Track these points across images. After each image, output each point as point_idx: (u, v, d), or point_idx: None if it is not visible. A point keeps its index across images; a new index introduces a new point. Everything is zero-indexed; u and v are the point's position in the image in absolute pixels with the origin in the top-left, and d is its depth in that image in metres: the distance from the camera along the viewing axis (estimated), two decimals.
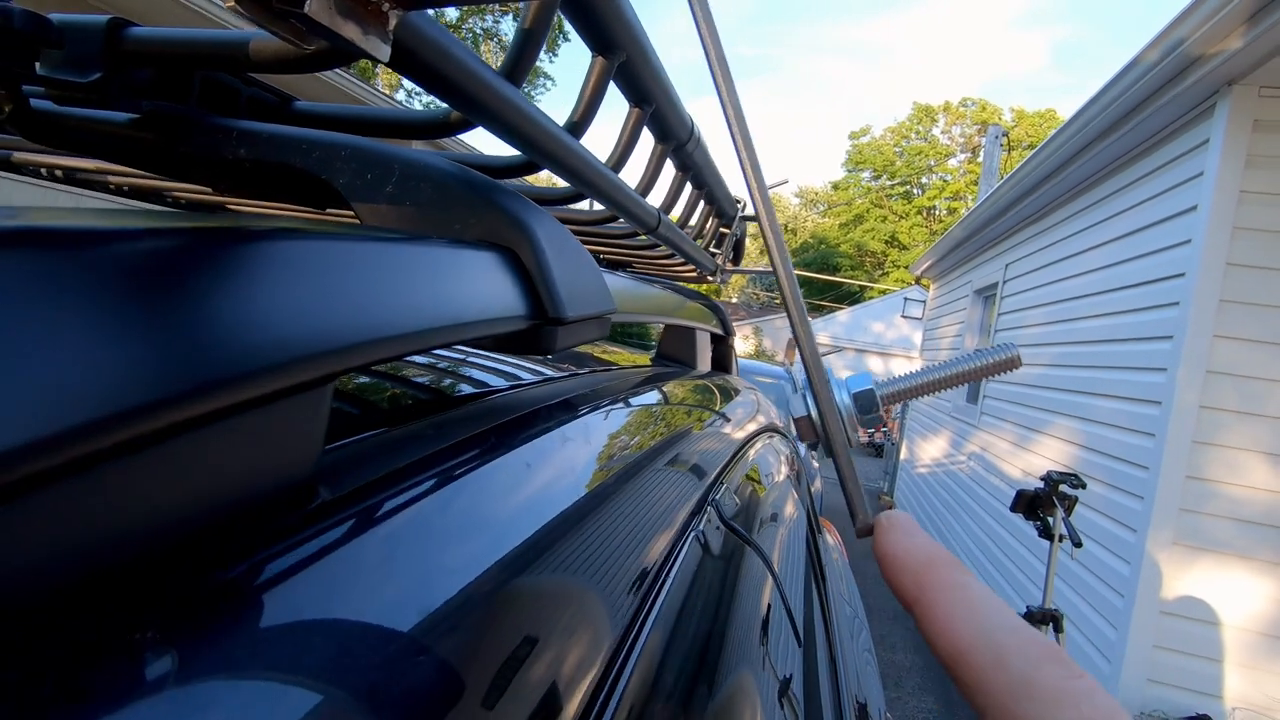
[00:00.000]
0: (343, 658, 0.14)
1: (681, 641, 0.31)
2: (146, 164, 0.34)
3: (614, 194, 0.44)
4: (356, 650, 0.15)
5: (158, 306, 0.13)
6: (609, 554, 0.29)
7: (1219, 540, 2.67)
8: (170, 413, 0.12)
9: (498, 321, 0.26)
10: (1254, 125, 2.57)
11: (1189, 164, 2.86)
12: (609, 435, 0.41)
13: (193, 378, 0.13)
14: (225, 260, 0.15)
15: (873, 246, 36.70)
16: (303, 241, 0.17)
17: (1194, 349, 2.64)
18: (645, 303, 0.68)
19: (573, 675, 0.22)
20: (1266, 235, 2.58)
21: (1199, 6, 2.39)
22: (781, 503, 0.76)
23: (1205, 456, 2.67)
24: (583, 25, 0.36)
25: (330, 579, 0.16)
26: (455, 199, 0.30)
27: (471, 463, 0.26)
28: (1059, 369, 3.95)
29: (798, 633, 0.51)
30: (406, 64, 0.26)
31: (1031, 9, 73.36)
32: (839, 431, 0.21)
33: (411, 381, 0.40)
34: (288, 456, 0.17)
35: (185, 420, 0.13)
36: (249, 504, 0.16)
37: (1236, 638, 2.67)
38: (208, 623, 0.13)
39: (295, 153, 0.31)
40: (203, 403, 0.13)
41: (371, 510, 0.19)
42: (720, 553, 0.42)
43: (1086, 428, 3.47)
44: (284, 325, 0.15)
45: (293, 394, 0.16)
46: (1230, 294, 2.62)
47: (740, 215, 0.99)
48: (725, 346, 1.28)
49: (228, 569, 0.15)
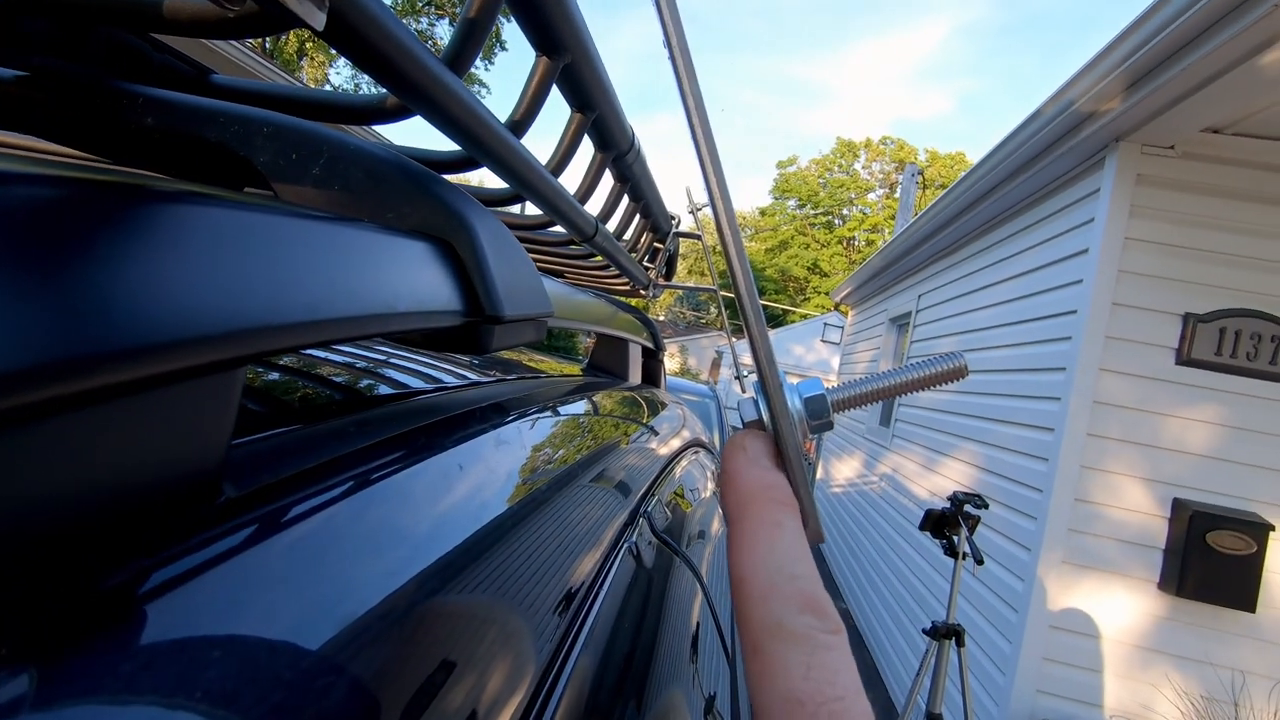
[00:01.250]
0: (241, 676, 0.12)
1: (614, 656, 0.30)
2: (33, 128, 0.30)
3: (553, 198, 0.43)
4: (257, 668, 0.13)
5: (30, 263, 0.11)
6: (539, 566, 0.28)
7: (1102, 559, 2.88)
8: (35, 388, 0.10)
9: (431, 315, 0.24)
10: (1137, 179, 2.83)
11: (1082, 210, 3.11)
12: (541, 443, 0.39)
13: (66, 349, 0.11)
14: (119, 219, 0.13)
15: (796, 272, 38.01)
16: (216, 209, 0.15)
17: (1083, 381, 2.85)
18: (581, 310, 0.67)
19: (497, 697, 0.21)
20: (1146, 279, 2.83)
21: (1089, 70, 2.63)
22: (709, 518, 0.76)
23: (1091, 481, 2.88)
24: (527, 22, 0.35)
25: (231, 585, 0.14)
26: (389, 186, 0.28)
27: (394, 465, 0.24)
28: (965, 395, 4.18)
29: (726, 648, 0.50)
30: (342, 38, 0.24)
31: (940, 62, 78.64)
32: (791, 436, 0.21)
33: (333, 379, 0.38)
34: (188, 448, 0.15)
35: (54, 399, 0.11)
36: (140, 499, 0.14)
37: (1115, 650, 2.88)
38: (83, 635, 0.11)
39: (211, 125, 0.28)
40: (78, 379, 0.11)
41: (282, 510, 0.17)
42: (653, 566, 0.41)
43: (989, 452, 3.69)
44: (185, 299, 0.13)
45: (194, 377, 0.14)
46: (1115, 331, 2.85)
47: (674, 231, 1.00)
48: (655, 361, 1.28)
49: (110, 572, 0.13)
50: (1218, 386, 2.80)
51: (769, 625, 0.19)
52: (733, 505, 0.21)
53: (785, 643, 0.18)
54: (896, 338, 6.80)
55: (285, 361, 0.37)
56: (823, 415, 0.21)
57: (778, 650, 0.18)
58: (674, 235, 1.01)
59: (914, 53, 78.59)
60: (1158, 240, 2.82)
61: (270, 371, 0.34)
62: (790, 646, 0.18)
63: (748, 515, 0.20)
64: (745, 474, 0.21)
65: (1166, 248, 2.82)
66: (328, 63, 20.28)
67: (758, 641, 0.19)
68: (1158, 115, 2.56)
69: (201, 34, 0.26)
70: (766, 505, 0.21)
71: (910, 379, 0.21)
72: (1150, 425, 2.85)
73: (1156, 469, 2.85)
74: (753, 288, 0.20)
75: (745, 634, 0.19)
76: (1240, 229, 2.79)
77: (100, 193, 0.14)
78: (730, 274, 0.19)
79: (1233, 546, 2.68)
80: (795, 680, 0.18)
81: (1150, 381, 2.84)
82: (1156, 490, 2.85)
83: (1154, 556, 2.86)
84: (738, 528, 0.21)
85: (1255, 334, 2.76)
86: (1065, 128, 2.95)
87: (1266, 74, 2.15)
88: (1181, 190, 2.82)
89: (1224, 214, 2.80)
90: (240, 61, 4.54)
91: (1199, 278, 2.81)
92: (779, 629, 0.19)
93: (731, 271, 0.19)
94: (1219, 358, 2.79)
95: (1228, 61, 2.14)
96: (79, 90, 0.29)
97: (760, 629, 0.19)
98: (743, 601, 0.19)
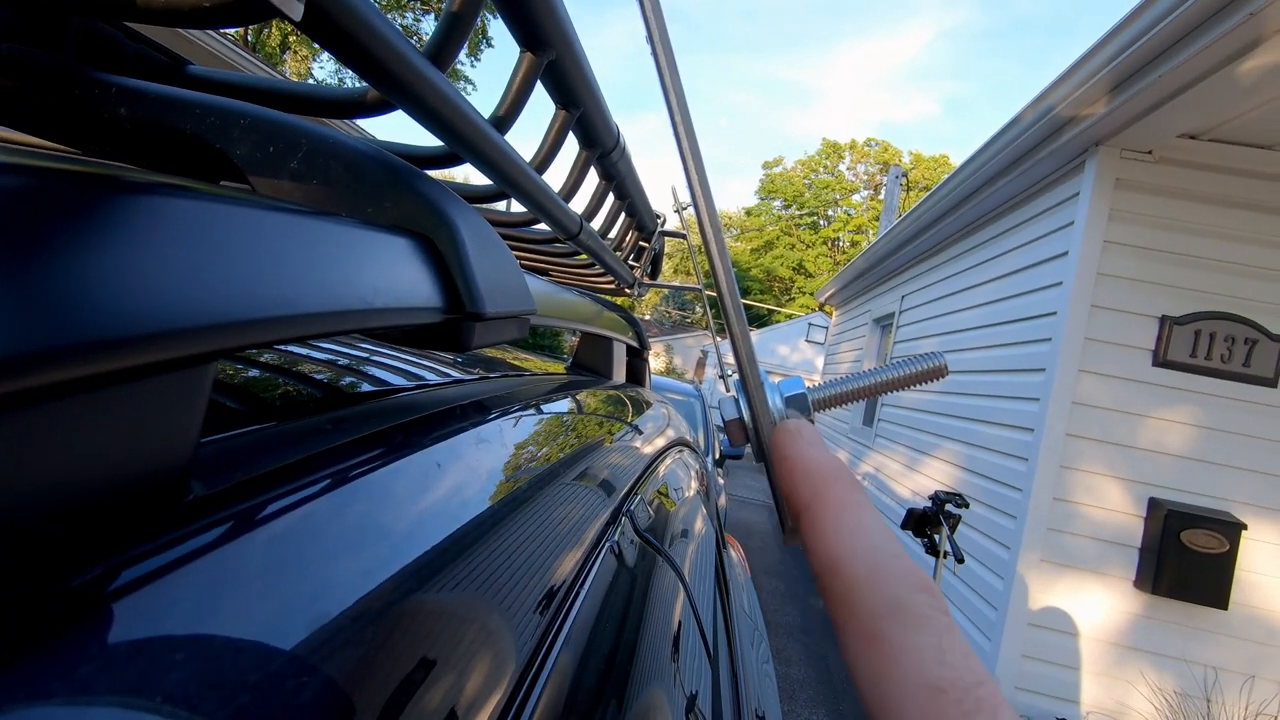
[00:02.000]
0: (206, 678, 0.12)
1: (595, 657, 0.29)
2: (2, 117, 0.29)
3: (537, 196, 0.43)
4: (223, 670, 0.13)
5: None
6: (519, 566, 0.28)
7: (1080, 557, 2.92)
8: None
9: (411, 312, 0.24)
10: (1116, 183, 2.87)
11: (1062, 213, 3.15)
12: (523, 441, 0.39)
13: (24, 343, 0.10)
14: (86, 211, 0.13)
15: (781, 273, 38.18)
16: (186, 200, 0.15)
17: (1063, 381, 2.89)
18: (564, 308, 0.67)
19: (475, 697, 0.21)
20: (1125, 281, 2.88)
21: (1070, 76, 2.66)
22: (693, 517, 0.76)
23: (1070, 480, 2.93)
24: (512, 17, 0.34)
25: (197, 585, 0.14)
26: (368, 180, 0.27)
27: (372, 463, 0.24)
28: (947, 395, 4.22)
29: (708, 647, 0.50)
30: (321, 29, 0.23)
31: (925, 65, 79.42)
32: (771, 434, 0.21)
33: (311, 376, 0.37)
34: (154, 445, 0.14)
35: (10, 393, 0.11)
36: (103, 498, 0.13)
37: (1091, 648, 2.93)
38: (42, 637, 0.11)
39: (186, 117, 0.28)
40: (37, 374, 0.11)
41: (252, 509, 0.17)
42: (635, 565, 0.41)
43: (970, 451, 3.73)
44: (151, 292, 0.13)
45: (159, 372, 0.13)
46: (1093, 333, 2.90)
47: (660, 230, 1.00)
48: (640, 360, 1.28)
49: (71, 572, 0.12)
50: (1193, 388, 2.85)
51: (887, 608, 0.17)
52: (806, 489, 0.20)
53: (909, 626, 0.17)
54: (880, 338, 6.85)
55: (266, 358, 0.36)
56: (803, 414, 0.21)
57: (903, 634, 0.17)
58: (659, 234, 1.01)
59: (899, 56, 79.29)
60: (1136, 244, 2.87)
61: (247, 368, 0.33)
62: (917, 629, 0.17)
63: (828, 497, 0.19)
64: (812, 456, 0.20)
65: (1144, 251, 2.87)
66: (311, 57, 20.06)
67: (875, 627, 0.17)
68: (1136, 120, 2.60)
69: (176, 23, 0.25)
70: (845, 485, 0.20)
71: (891, 378, 0.21)
72: (1127, 426, 2.89)
73: (1133, 469, 2.90)
74: (734, 285, 0.20)
75: (852, 621, 0.18)
76: (1216, 233, 2.84)
77: (66, 183, 0.13)
78: (711, 270, 0.19)
79: (1206, 545, 2.73)
80: (931, 666, 0.16)
81: (1128, 383, 2.89)
82: (1133, 490, 2.90)
83: (1130, 555, 2.91)
84: (819, 511, 0.19)
85: (1229, 336, 2.81)
86: (1046, 132, 2.99)
87: (1242, 81, 2.20)
88: (1159, 195, 2.87)
89: (1200, 218, 2.85)
90: (221, 54, 4.48)
91: (1175, 281, 2.86)
92: (899, 611, 0.17)
93: (713, 267, 0.19)
94: (1194, 360, 2.84)
95: (1205, 68, 2.18)
96: (50, 79, 0.28)
97: (875, 614, 0.17)
98: (845, 587, 0.18)
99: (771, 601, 5.74)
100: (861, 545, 0.19)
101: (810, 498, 0.20)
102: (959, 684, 0.16)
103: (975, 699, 0.16)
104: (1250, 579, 2.82)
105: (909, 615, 0.17)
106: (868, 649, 0.17)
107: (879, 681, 0.17)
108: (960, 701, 0.16)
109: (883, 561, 0.18)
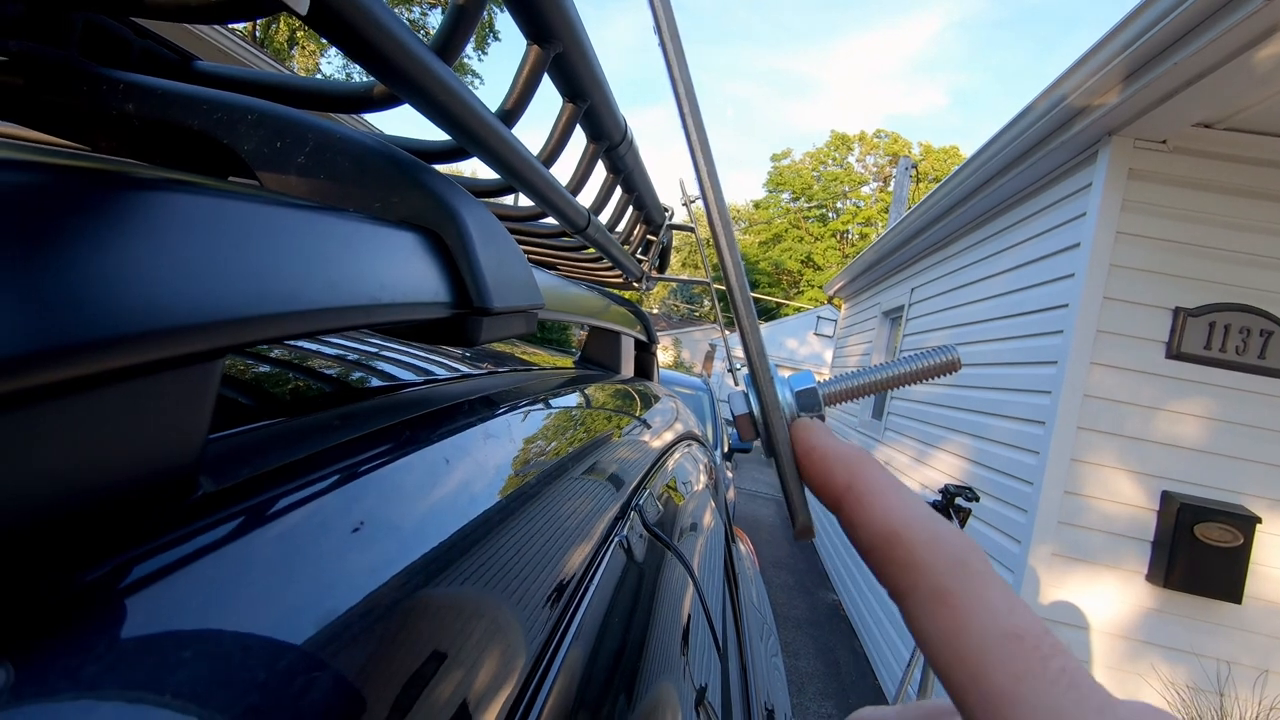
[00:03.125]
0: (215, 676, 0.12)
1: (605, 652, 0.29)
2: (11, 114, 0.29)
3: (544, 189, 0.43)
4: (232, 667, 0.13)
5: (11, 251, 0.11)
6: (529, 561, 0.28)
7: (1091, 551, 2.91)
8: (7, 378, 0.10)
9: (418, 307, 0.24)
10: (1129, 173, 2.84)
11: (1074, 204, 3.12)
12: (534, 435, 0.39)
13: (32, 341, 0.10)
14: (94, 207, 0.13)
15: (790, 265, 38.03)
16: (193, 196, 0.15)
17: (1074, 374, 2.87)
18: (572, 303, 0.67)
19: (485, 692, 0.21)
20: (1137, 273, 2.84)
21: (1082, 65, 2.63)
22: (702, 511, 0.76)
23: (1082, 474, 2.90)
24: (518, 10, 0.34)
25: (206, 582, 0.14)
26: (376, 175, 0.27)
27: (380, 458, 0.24)
28: (957, 389, 4.20)
29: (717, 641, 0.50)
30: (327, 23, 0.23)
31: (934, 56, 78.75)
32: (781, 430, 0.21)
33: (320, 372, 0.37)
34: (162, 442, 0.14)
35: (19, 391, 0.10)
36: (111, 495, 0.13)
37: (1103, 642, 2.91)
38: (51, 635, 0.11)
39: (194, 113, 0.28)
40: (45, 371, 0.11)
41: (261, 505, 0.17)
42: (644, 559, 0.41)
43: (980, 445, 3.71)
44: (158, 288, 0.13)
45: (167, 369, 0.13)
46: (1105, 325, 2.87)
47: (668, 223, 1.00)
48: (648, 354, 1.28)
49: (79, 570, 0.12)
50: (1207, 380, 2.82)
51: (952, 566, 0.18)
52: (842, 474, 0.21)
53: (976, 580, 0.18)
54: (889, 331, 6.81)
55: (274, 354, 0.36)
56: (814, 408, 0.21)
57: (973, 589, 0.18)
58: (667, 228, 1.01)
59: (908, 47, 78.57)
60: (1149, 235, 2.83)
61: (256, 364, 0.33)
62: (983, 584, 0.18)
63: (866, 477, 0.20)
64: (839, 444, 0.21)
65: (1158, 242, 2.84)
66: (319, 52, 20.09)
67: (945, 585, 0.18)
68: (1150, 110, 2.57)
69: (182, 18, 0.25)
70: (877, 466, 0.21)
71: (902, 372, 0.21)
72: (1140, 418, 2.87)
73: (1146, 462, 2.87)
74: (743, 279, 0.20)
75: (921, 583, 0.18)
76: (1231, 223, 2.80)
77: (74, 180, 0.13)
78: (720, 263, 0.19)
79: (1220, 538, 2.70)
80: (1005, 615, 0.17)
81: (1140, 375, 2.86)
82: (1146, 483, 2.87)
83: (1142, 549, 2.89)
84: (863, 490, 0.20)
85: (1244, 328, 2.78)
86: (1058, 122, 2.95)
87: (1259, 68, 2.16)
88: (1173, 185, 2.83)
89: (1215, 208, 2.81)
90: (230, 50, 4.49)
91: (1190, 272, 2.82)
92: (964, 568, 0.18)
93: (722, 261, 0.19)
94: (1208, 352, 2.81)
95: (1221, 56, 2.15)
96: (58, 76, 0.28)
97: (943, 572, 0.18)
98: (908, 552, 0.19)
99: (780, 595, 5.74)
100: (915, 514, 0.19)
101: (849, 481, 0.20)
102: (1032, 630, 0.17)
103: (1050, 644, 0.17)
104: (1264, 573, 2.79)
105: (973, 572, 0.18)
106: (940, 607, 0.18)
107: (957, 635, 0.17)
108: (1038, 647, 0.16)
109: (938, 526, 0.19)
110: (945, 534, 0.19)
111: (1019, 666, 0.16)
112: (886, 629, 4.58)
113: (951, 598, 0.18)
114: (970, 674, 0.17)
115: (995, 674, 0.16)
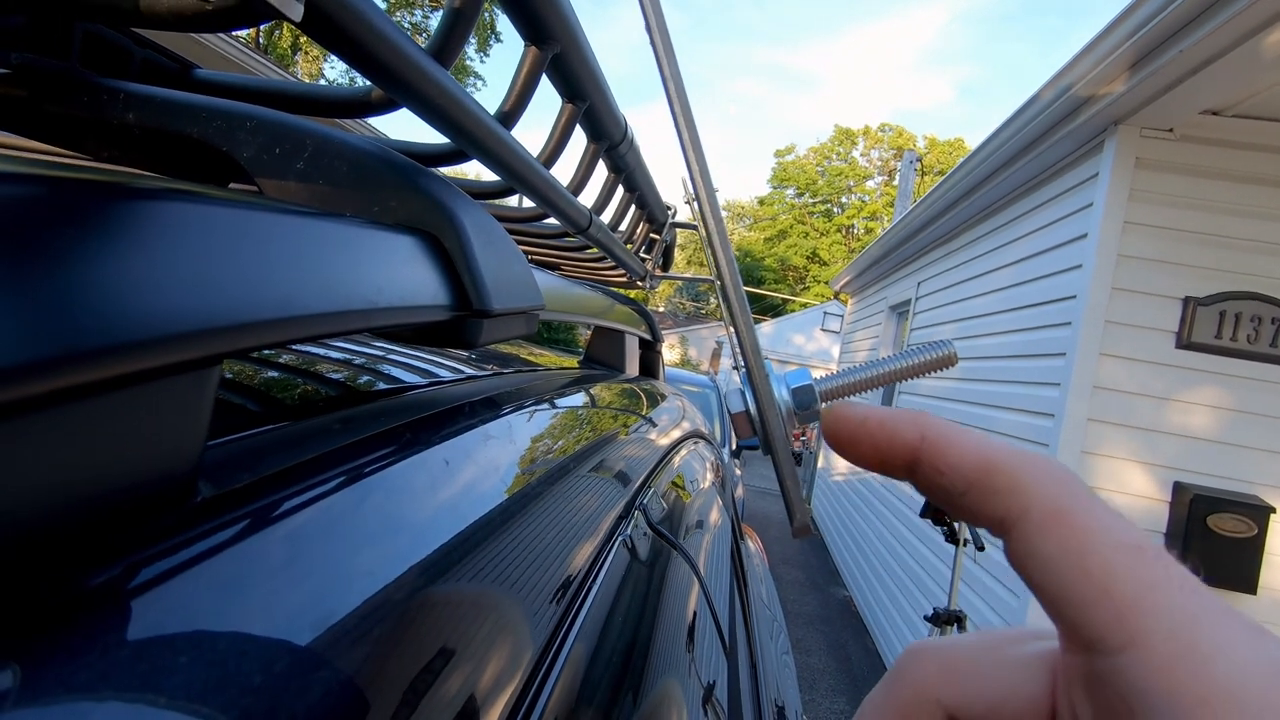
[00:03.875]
0: (213, 680, 0.12)
1: (609, 651, 0.30)
2: (12, 125, 0.30)
3: (545, 190, 0.43)
4: (236, 672, 0.13)
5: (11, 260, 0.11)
6: (534, 560, 0.28)
7: None
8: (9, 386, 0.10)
9: (417, 310, 0.24)
10: (1137, 162, 2.81)
11: (1081, 195, 3.10)
12: (536, 436, 0.39)
13: (31, 350, 0.11)
14: (93, 217, 0.13)
15: (795, 261, 37.93)
16: (192, 205, 0.15)
17: (1083, 366, 2.85)
18: (575, 303, 0.67)
19: (491, 692, 0.21)
20: (1146, 263, 2.82)
21: (1088, 53, 2.61)
22: (708, 508, 0.76)
23: (1092, 465, 2.88)
24: (514, 11, 0.34)
25: (206, 586, 0.14)
26: (374, 180, 0.28)
27: (381, 461, 0.24)
28: (965, 382, 4.18)
29: (723, 639, 0.50)
30: (322, 29, 0.23)
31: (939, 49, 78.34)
32: (778, 427, 0.21)
33: (321, 376, 0.37)
34: (161, 447, 0.14)
35: (19, 400, 0.11)
36: (110, 501, 0.13)
37: None
38: (52, 639, 0.11)
39: (193, 121, 0.28)
40: (43, 380, 0.11)
41: (261, 509, 0.17)
42: (648, 558, 0.41)
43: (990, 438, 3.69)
44: (156, 296, 0.13)
45: (165, 375, 0.14)
46: (1114, 316, 2.84)
47: (671, 221, 1.00)
48: (653, 353, 1.28)
49: (79, 575, 0.13)
50: (1218, 370, 2.79)
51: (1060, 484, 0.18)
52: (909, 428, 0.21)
53: (1086, 496, 0.18)
54: (896, 325, 6.79)
55: (275, 359, 0.37)
56: (810, 405, 0.21)
57: (1087, 504, 0.18)
58: (670, 225, 1.00)
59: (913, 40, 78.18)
60: (1157, 224, 2.81)
61: (256, 369, 0.34)
62: (1093, 499, 0.18)
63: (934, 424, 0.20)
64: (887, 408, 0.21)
65: (1166, 231, 2.81)
66: (322, 57, 20.17)
67: (1059, 504, 0.18)
68: (1157, 98, 2.54)
69: (180, 28, 0.25)
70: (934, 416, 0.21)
71: (898, 368, 0.21)
72: (1151, 409, 2.85)
73: (1157, 453, 2.85)
74: (737, 276, 0.20)
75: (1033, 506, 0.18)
76: (1240, 211, 2.78)
77: (75, 190, 0.14)
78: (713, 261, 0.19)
79: (1233, 529, 2.68)
80: (1121, 529, 0.17)
81: (1151, 365, 2.84)
82: (1157, 474, 2.85)
83: (1155, 540, 2.86)
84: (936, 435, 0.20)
85: (1255, 316, 2.75)
86: (1064, 112, 2.93)
87: (1267, 54, 2.14)
88: (1181, 173, 2.80)
89: (1224, 196, 2.79)
90: (233, 57, 4.51)
91: (1199, 261, 2.80)
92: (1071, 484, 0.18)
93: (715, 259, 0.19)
94: (1219, 341, 2.78)
95: (1228, 42, 2.13)
96: (59, 87, 0.29)
97: (1054, 495, 0.18)
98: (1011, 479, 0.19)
99: (791, 591, 5.74)
100: (1000, 443, 0.20)
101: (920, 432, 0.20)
102: (1148, 542, 0.17)
103: (1166, 555, 0.17)
104: (1279, 563, 2.77)
105: (1080, 489, 0.18)
106: (1058, 525, 0.18)
107: (1081, 551, 0.17)
108: (1160, 557, 0.17)
109: (1027, 452, 0.19)
110: (1039, 457, 0.19)
111: (1149, 575, 0.16)
112: (898, 624, 4.57)
113: (1069, 515, 0.18)
114: (1099, 587, 0.17)
115: (1127, 585, 0.16)
